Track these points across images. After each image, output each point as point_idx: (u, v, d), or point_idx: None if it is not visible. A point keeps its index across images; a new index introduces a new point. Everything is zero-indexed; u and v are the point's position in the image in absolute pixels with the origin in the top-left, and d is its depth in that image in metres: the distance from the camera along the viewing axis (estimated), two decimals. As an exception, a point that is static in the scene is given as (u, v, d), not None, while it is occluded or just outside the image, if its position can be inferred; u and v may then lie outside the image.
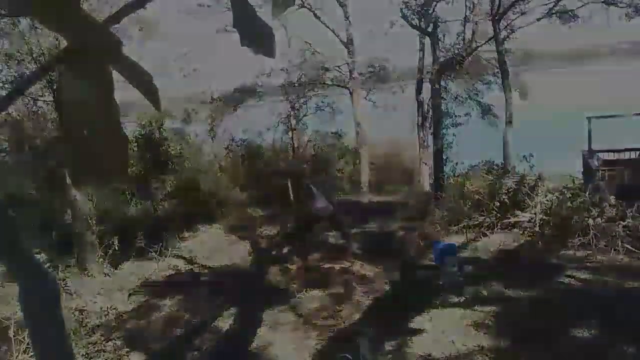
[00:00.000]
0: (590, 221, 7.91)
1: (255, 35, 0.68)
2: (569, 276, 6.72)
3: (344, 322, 6.11)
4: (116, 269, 8.18)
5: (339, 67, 17.53)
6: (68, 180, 7.22)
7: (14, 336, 4.29)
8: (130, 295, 7.13)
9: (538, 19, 16.07)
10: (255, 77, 16.98)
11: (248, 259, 8.69)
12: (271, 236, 9.68)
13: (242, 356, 5.44)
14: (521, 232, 8.71)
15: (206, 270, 8.32)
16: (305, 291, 7.07)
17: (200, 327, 6.16)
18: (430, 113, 16.15)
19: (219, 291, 7.19)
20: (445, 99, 17.62)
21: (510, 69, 17.70)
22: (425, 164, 17.02)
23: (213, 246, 9.60)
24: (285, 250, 8.91)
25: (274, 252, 8.80)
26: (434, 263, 7.50)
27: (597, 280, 6.48)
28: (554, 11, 16.05)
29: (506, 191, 9.33)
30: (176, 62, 16.23)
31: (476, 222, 9.20)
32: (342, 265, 7.90)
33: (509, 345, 5.08)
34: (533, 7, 16.09)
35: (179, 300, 6.96)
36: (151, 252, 8.59)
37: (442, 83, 15.42)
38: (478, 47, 14.51)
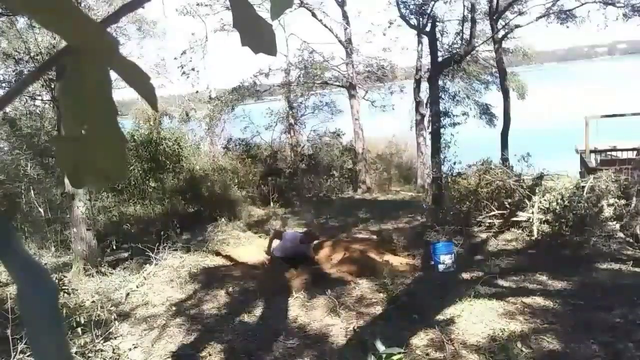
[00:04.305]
0: (588, 220, 7.94)
1: (256, 35, 0.68)
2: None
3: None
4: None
5: (337, 66, 17.56)
6: (66, 179, 7.21)
7: (11, 336, 4.28)
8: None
9: (536, 19, 16.12)
10: (254, 76, 16.99)
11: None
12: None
13: None
14: (520, 231, 8.73)
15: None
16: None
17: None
18: (429, 112, 16.19)
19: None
20: (444, 99, 17.67)
21: (508, 69, 17.79)
22: (424, 163, 17.07)
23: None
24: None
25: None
26: (432, 263, 7.53)
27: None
28: (551, 11, 16.09)
29: (505, 191, 9.35)
30: (174, 61, 16.24)
31: (478, 221, 9.23)
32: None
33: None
34: (531, 7, 16.17)
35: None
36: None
37: (440, 82, 15.45)
38: (476, 46, 14.54)
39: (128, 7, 0.65)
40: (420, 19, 13.89)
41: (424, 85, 16.71)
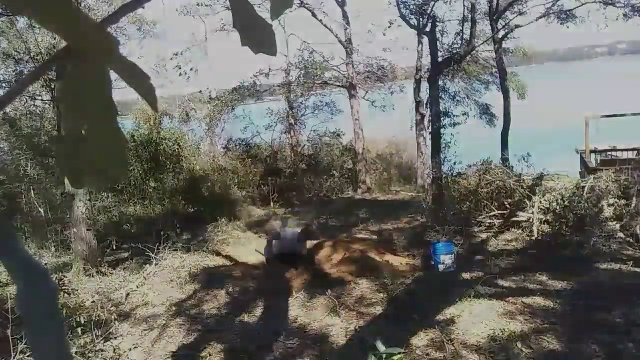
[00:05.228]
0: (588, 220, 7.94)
1: (255, 34, 0.68)
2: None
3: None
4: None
5: (337, 66, 17.54)
6: (66, 179, 7.21)
7: (11, 336, 4.28)
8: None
9: (536, 19, 16.10)
10: (254, 76, 16.97)
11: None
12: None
13: None
14: (520, 231, 8.72)
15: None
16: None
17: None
18: (429, 112, 16.19)
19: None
20: (444, 99, 17.65)
21: (508, 69, 17.78)
22: (424, 163, 17.06)
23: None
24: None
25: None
26: (432, 263, 7.52)
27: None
28: (552, 11, 16.08)
29: (505, 191, 9.35)
30: (174, 61, 16.23)
31: (478, 221, 9.23)
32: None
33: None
34: (531, 7, 16.15)
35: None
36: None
37: (440, 82, 15.44)
38: (476, 46, 14.53)
39: (128, 7, 0.65)
40: (420, 19, 13.90)
41: (424, 85, 16.68)
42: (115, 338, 5.64)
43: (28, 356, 4.27)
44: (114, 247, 8.33)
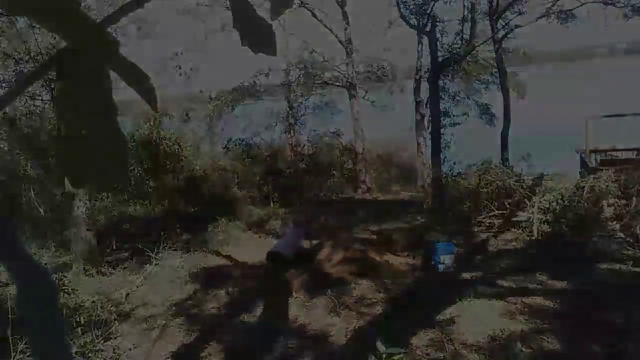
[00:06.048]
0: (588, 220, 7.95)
1: (255, 34, 0.68)
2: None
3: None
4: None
5: (337, 66, 17.53)
6: (66, 179, 7.20)
7: (11, 336, 4.28)
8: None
9: (536, 19, 16.10)
10: (254, 76, 16.96)
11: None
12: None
13: None
14: (520, 231, 8.73)
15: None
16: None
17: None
18: (429, 113, 16.18)
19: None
20: (444, 99, 17.64)
21: (508, 69, 17.76)
22: (424, 163, 17.05)
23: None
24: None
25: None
26: (432, 263, 7.52)
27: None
28: (552, 11, 16.08)
29: (505, 191, 9.35)
30: (174, 61, 16.22)
31: (478, 221, 9.23)
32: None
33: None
34: (531, 7, 16.14)
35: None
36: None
37: (440, 83, 15.43)
38: (476, 46, 14.52)
39: (128, 7, 0.65)
40: (420, 19, 13.88)
41: (424, 85, 16.67)
42: (115, 338, 5.64)
43: (28, 356, 4.27)
44: (114, 247, 8.33)
